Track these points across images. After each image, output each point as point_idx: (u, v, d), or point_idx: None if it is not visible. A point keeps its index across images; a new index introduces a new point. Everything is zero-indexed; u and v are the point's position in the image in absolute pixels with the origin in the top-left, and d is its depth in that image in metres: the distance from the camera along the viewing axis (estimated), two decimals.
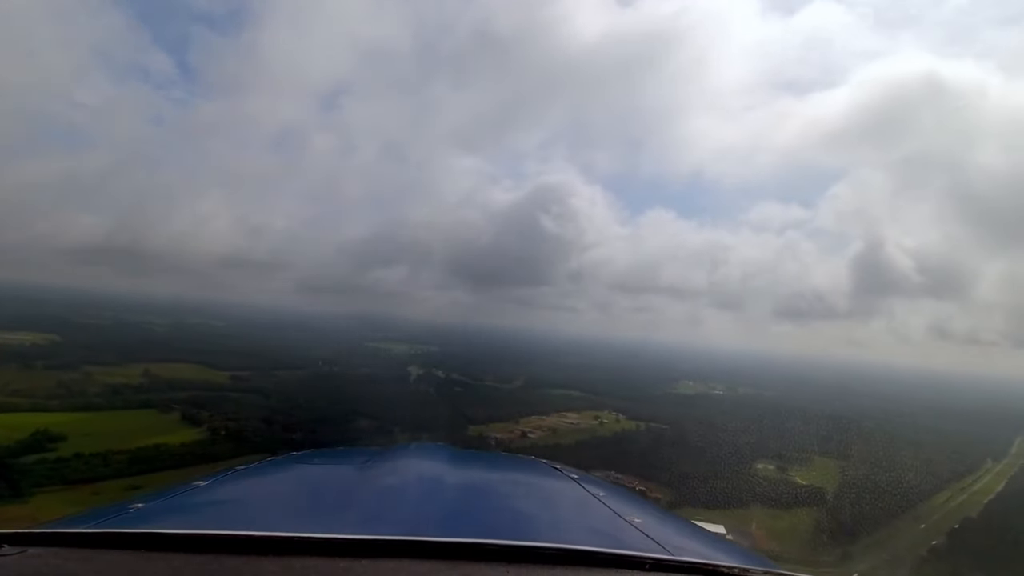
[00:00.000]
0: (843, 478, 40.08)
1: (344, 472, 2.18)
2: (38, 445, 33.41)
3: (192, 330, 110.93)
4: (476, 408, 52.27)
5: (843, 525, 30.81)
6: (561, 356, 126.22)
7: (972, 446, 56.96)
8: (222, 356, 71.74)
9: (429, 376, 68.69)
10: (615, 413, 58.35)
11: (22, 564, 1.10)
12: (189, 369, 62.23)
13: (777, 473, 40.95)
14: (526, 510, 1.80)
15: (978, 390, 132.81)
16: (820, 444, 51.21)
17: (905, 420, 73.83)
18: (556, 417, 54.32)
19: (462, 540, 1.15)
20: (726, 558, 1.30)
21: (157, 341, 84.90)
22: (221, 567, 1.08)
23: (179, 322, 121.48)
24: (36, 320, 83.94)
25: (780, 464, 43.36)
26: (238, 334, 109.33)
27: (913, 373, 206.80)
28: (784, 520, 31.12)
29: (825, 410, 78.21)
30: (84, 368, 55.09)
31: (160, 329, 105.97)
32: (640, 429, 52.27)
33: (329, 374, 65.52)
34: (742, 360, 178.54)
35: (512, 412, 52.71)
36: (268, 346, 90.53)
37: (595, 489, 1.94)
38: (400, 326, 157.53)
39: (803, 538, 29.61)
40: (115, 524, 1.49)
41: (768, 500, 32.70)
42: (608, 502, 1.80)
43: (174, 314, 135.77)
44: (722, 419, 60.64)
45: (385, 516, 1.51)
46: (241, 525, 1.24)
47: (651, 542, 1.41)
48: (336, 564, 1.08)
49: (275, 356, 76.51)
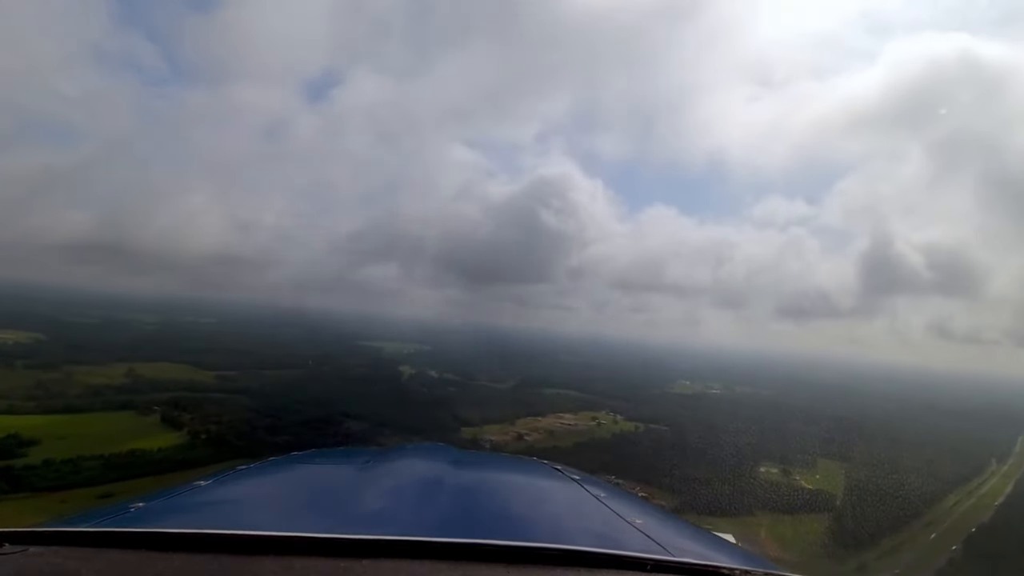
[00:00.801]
0: (849, 482, 38.91)
1: (344, 472, 2.14)
2: (7, 451, 32.04)
3: (182, 328, 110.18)
4: (470, 409, 50.83)
5: (854, 532, 29.53)
6: (556, 355, 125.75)
7: (976, 446, 56.15)
8: (210, 355, 70.72)
9: (422, 375, 67.33)
10: (612, 414, 57.07)
11: (23, 563, 1.10)
12: (174, 369, 60.96)
13: (781, 476, 39.71)
14: (526, 511, 1.77)
15: (979, 389, 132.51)
16: (823, 446, 50.11)
17: (907, 420, 73.17)
18: (552, 418, 53.01)
19: (462, 541, 1.16)
20: (727, 559, 1.28)
21: (144, 340, 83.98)
22: (221, 567, 1.09)
23: (169, 320, 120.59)
24: (22, 318, 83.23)
25: (784, 467, 42.14)
26: (228, 332, 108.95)
27: (913, 372, 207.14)
28: (793, 527, 29.79)
29: (825, 410, 77.57)
30: (65, 368, 54.03)
31: (149, 327, 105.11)
32: (639, 431, 50.95)
33: (319, 374, 63.96)
34: (738, 359, 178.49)
35: (507, 413, 51.37)
36: (258, 344, 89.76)
37: (596, 490, 1.91)
38: (393, 324, 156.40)
39: (815, 547, 28.26)
40: (116, 523, 1.46)
41: (775, 506, 31.46)
42: (609, 503, 1.77)
43: (164, 312, 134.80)
44: (721, 420, 59.53)
45: (385, 516, 1.49)
46: (242, 525, 1.25)
47: (652, 543, 1.39)
48: (336, 564, 1.08)
49: (265, 355, 75.37)
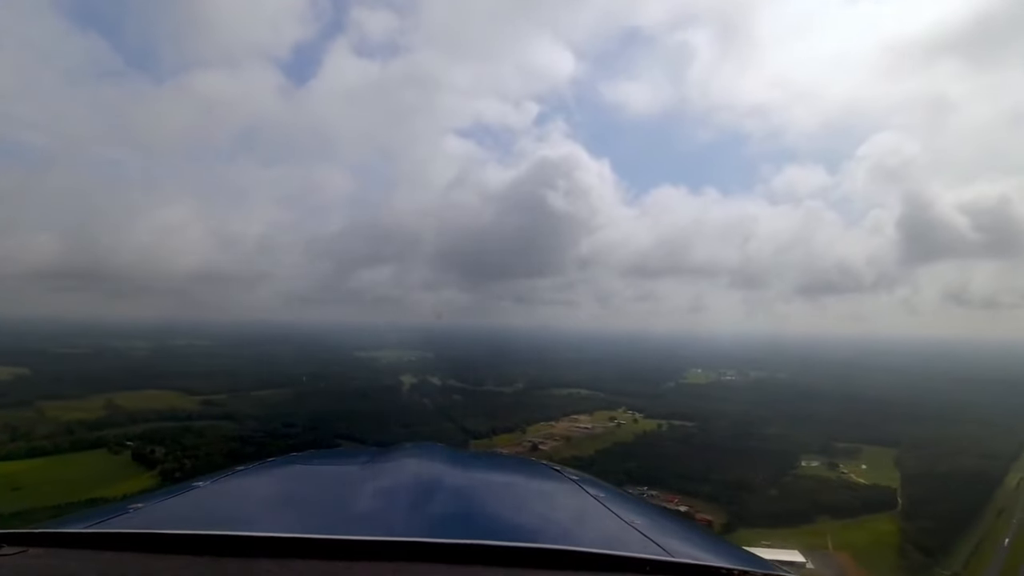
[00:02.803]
0: (902, 471, 35.20)
1: (344, 473, 2.12)
2: None
3: (175, 352, 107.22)
4: (478, 418, 47.15)
5: (929, 532, 25.73)
6: (561, 352, 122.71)
7: (1014, 418, 52.58)
8: (199, 379, 67.25)
9: (423, 384, 63.44)
10: (631, 412, 53.32)
11: (22, 564, 1.09)
12: (159, 396, 57.23)
13: (829, 471, 35.94)
14: (526, 512, 1.75)
15: (1003, 356, 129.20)
16: (858, 431, 46.53)
17: (933, 395, 69.71)
18: (567, 422, 49.17)
19: (462, 542, 1.15)
20: (727, 560, 1.28)
21: (134, 367, 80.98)
22: (221, 568, 1.08)
23: (163, 345, 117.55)
24: (10, 354, 79.89)
25: (827, 459, 38.32)
26: (223, 352, 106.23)
27: (926, 344, 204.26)
28: (861, 533, 25.98)
29: (845, 390, 74.13)
30: (40, 404, 50.56)
31: (142, 353, 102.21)
32: (662, 429, 47.10)
33: (313, 391, 60.18)
34: (746, 343, 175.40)
35: (518, 420, 47.59)
36: (252, 363, 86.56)
37: (595, 491, 1.88)
38: (392, 332, 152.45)
39: (895, 557, 24.38)
40: (115, 524, 1.44)
41: (833, 509, 27.74)
42: (608, 504, 1.74)
43: (159, 337, 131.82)
44: (744, 410, 55.98)
45: (385, 517, 1.48)
46: (241, 526, 1.25)
47: (651, 544, 1.38)
48: (336, 566, 1.07)
49: (257, 374, 71.84)
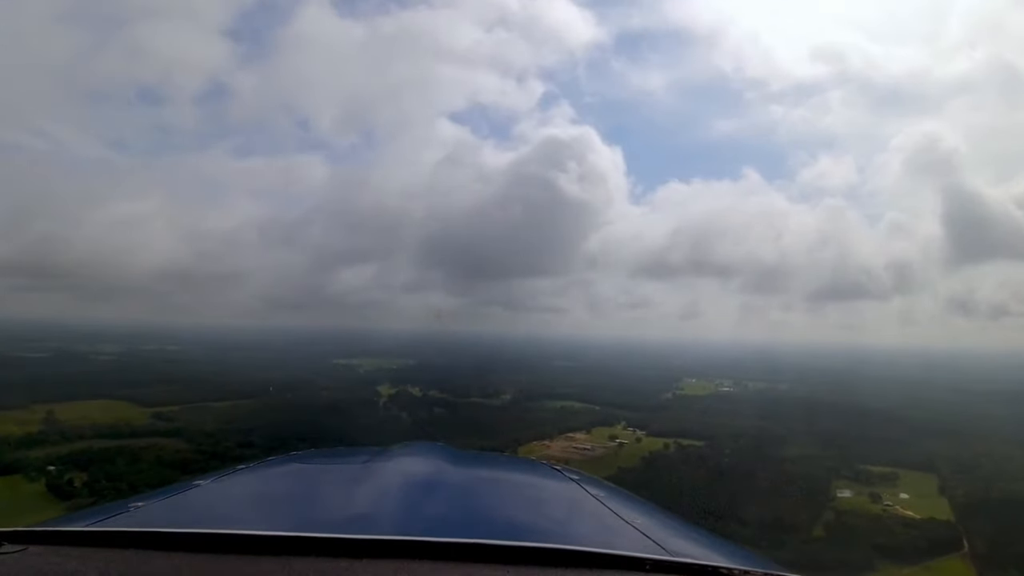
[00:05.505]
0: (951, 500, 30.72)
1: (344, 472, 2.14)
2: None
3: (141, 358, 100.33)
4: (461, 435, 41.96)
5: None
6: (550, 361, 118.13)
7: None
8: (156, 388, 61.10)
9: (402, 395, 58.29)
10: (631, 429, 48.74)
11: (23, 562, 1.10)
12: (107, 407, 51.34)
13: (871, 503, 31.49)
14: (526, 511, 1.78)
15: (999, 366, 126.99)
16: (885, 450, 42.14)
17: (945, 407, 65.84)
18: (563, 441, 44.58)
19: (462, 541, 1.16)
20: (727, 559, 1.30)
21: (95, 373, 74.14)
22: (221, 567, 1.08)
23: (131, 350, 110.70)
24: None
25: (864, 488, 33.74)
26: (189, 359, 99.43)
27: (914, 355, 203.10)
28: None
29: (854, 402, 69.83)
30: None
31: (106, 358, 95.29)
32: (670, 450, 42.30)
33: (278, 403, 54.76)
34: (738, 352, 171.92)
35: (508, 438, 42.80)
36: (218, 371, 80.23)
37: (595, 490, 1.90)
38: (376, 339, 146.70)
39: None
40: (116, 523, 1.46)
41: (893, 552, 23.43)
42: (608, 503, 1.77)
43: (128, 341, 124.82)
44: (753, 426, 51.49)
45: (385, 516, 1.49)
46: (241, 524, 1.28)
47: (651, 543, 1.40)
48: (336, 564, 1.08)
49: (221, 382, 65.89)
